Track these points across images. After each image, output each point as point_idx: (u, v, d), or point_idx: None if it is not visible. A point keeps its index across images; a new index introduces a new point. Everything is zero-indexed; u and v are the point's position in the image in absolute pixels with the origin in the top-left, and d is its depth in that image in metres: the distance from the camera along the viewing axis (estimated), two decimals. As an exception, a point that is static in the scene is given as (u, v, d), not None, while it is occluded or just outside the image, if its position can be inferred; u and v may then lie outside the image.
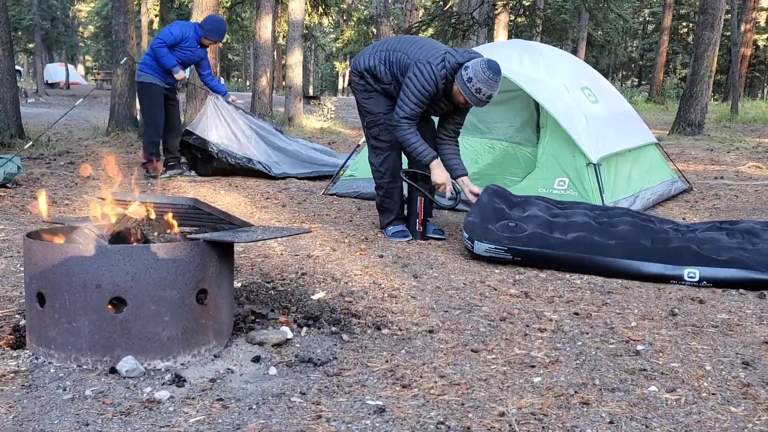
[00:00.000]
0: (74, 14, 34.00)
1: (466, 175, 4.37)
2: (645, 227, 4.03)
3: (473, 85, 3.96)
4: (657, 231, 4.01)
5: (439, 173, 4.21)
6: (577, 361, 2.46)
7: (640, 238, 3.82)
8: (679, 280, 3.52)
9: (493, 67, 3.96)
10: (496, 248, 3.81)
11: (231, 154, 7.01)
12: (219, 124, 7.04)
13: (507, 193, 4.61)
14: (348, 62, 45.59)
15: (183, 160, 7.27)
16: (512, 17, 21.85)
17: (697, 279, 3.50)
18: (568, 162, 5.17)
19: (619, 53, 38.42)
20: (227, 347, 2.49)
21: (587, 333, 2.78)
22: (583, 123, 5.28)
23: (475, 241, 3.87)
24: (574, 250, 3.71)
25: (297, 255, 3.97)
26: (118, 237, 2.44)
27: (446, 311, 3.03)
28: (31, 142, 7.89)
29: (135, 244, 2.41)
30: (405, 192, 4.50)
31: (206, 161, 7.10)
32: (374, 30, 32.31)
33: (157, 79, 6.82)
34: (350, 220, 5.06)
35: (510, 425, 1.96)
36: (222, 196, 6.00)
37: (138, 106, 10.58)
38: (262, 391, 2.16)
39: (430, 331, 2.75)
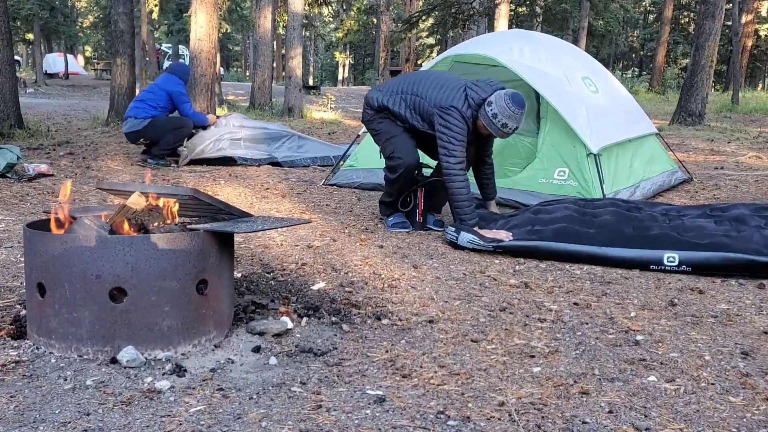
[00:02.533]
0: (73, 4, 33.87)
1: (493, 199, 4.62)
2: (629, 216, 4.06)
3: (499, 121, 3.97)
4: (641, 219, 4.03)
5: (484, 234, 4.05)
6: (577, 351, 2.47)
7: (622, 226, 3.86)
8: (658, 264, 3.54)
9: (517, 101, 3.95)
10: (478, 240, 3.88)
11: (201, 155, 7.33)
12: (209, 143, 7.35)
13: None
14: (348, 52, 45.48)
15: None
16: (513, 7, 21.76)
17: (676, 263, 3.52)
18: (569, 152, 5.16)
19: (620, 43, 38.30)
20: (227, 337, 2.50)
21: (587, 323, 2.78)
22: (583, 113, 5.26)
23: (461, 232, 3.94)
24: (555, 240, 3.76)
25: (297, 245, 3.97)
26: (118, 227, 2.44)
27: (446, 301, 3.03)
28: None
29: (135, 234, 2.41)
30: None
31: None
32: (374, 20, 32.20)
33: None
34: (350, 211, 5.06)
35: (510, 415, 1.97)
36: (221, 186, 6.00)
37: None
38: (262, 381, 2.16)
39: (430, 322, 2.76)
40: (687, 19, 38.52)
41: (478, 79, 4.21)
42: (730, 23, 21.63)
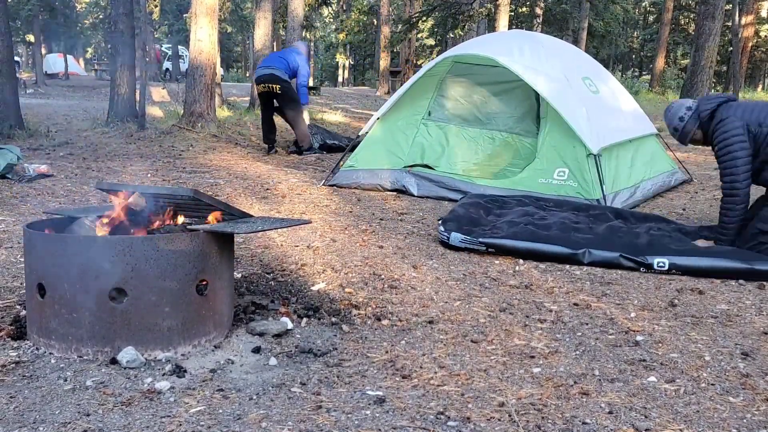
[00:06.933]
0: (73, 5, 33.84)
1: None
2: (621, 228, 4.12)
3: None
4: (636, 234, 4.04)
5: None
6: (577, 352, 2.47)
7: (613, 237, 3.91)
8: (648, 268, 3.56)
9: None
10: (471, 239, 3.90)
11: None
12: None
13: (485, 202, 4.65)
14: (348, 53, 45.49)
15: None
16: (513, 7, 21.76)
17: (666, 267, 3.54)
18: (569, 152, 5.16)
19: (620, 44, 38.29)
20: (227, 338, 2.50)
21: (587, 324, 2.78)
22: (583, 113, 5.26)
23: (452, 233, 3.96)
24: (547, 242, 3.78)
25: (297, 246, 3.97)
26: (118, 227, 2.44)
27: (446, 302, 3.03)
28: None
29: (135, 234, 2.41)
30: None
31: None
32: (375, 20, 32.21)
33: None
34: (350, 211, 5.06)
35: (510, 415, 1.96)
36: (221, 186, 6.00)
37: (138, 99, 10.58)
38: (262, 382, 2.16)
39: (430, 322, 2.76)
40: (687, 20, 38.50)
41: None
42: (730, 24, 21.63)
